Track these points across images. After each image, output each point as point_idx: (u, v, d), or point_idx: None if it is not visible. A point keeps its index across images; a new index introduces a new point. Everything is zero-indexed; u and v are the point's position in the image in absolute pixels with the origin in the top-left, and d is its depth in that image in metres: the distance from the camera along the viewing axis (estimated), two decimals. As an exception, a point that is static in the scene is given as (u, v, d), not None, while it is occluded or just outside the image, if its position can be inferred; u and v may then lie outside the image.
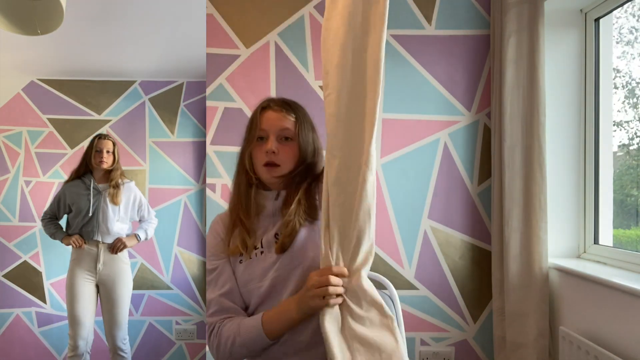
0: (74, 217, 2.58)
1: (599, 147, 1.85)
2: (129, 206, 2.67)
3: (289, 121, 1.10)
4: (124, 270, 2.63)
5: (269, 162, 1.08)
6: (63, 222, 2.71)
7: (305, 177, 1.11)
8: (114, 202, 2.56)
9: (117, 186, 2.59)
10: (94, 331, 2.65)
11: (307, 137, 1.11)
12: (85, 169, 2.61)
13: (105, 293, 2.60)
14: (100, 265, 2.56)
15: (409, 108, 2.07)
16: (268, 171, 1.09)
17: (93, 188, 2.56)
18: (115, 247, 2.57)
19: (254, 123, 1.11)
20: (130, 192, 2.68)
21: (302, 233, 1.07)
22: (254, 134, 1.10)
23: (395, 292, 1.43)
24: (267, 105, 1.12)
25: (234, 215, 1.12)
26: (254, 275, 1.06)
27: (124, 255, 2.65)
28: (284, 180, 1.11)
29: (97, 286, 2.62)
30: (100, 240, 2.56)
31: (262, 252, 1.07)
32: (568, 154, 1.92)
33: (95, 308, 2.63)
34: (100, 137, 2.60)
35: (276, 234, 1.08)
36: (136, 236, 2.67)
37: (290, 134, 1.09)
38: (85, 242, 2.55)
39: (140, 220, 2.79)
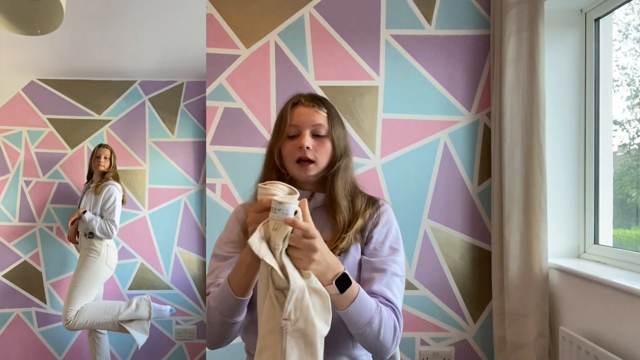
0: None
1: (599, 147, 1.85)
2: (97, 201, 2.89)
3: (322, 116, 1.07)
4: (87, 257, 2.85)
5: (303, 157, 1.03)
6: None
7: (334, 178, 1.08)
8: (93, 192, 2.93)
9: (101, 182, 2.94)
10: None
11: (339, 134, 1.09)
12: (90, 173, 3.05)
13: None
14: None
15: (409, 108, 2.07)
16: (301, 168, 1.04)
17: (87, 187, 2.99)
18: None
19: (284, 119, 1.07)
20: (105, 190, 2.90)
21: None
22: (284, 130, 1.06)
23: None
24: (297, 100, 1.09)
25: None
26: None
27: (93, 244, 2.85)
28: (316, 179, 1.08)
29: None
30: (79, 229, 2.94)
31: None
32: (568, 154, 1.92)
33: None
34: (101, 145, 3.01)
35: None
36: (84, 212, 2.88)
37: (324, 131, 1.06)
38: (77, 234, 2.96)
39: (102, 217, 2.91)
